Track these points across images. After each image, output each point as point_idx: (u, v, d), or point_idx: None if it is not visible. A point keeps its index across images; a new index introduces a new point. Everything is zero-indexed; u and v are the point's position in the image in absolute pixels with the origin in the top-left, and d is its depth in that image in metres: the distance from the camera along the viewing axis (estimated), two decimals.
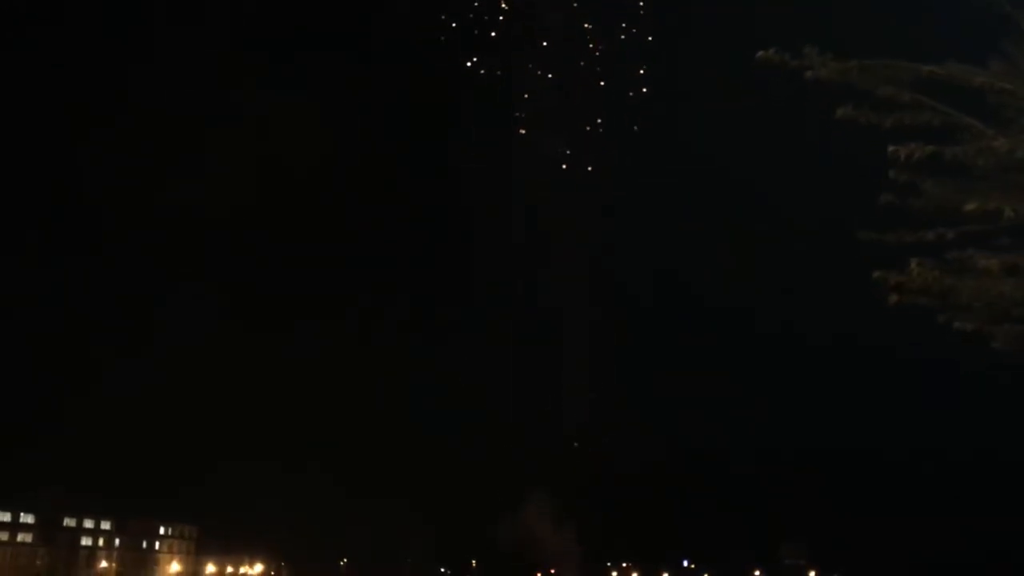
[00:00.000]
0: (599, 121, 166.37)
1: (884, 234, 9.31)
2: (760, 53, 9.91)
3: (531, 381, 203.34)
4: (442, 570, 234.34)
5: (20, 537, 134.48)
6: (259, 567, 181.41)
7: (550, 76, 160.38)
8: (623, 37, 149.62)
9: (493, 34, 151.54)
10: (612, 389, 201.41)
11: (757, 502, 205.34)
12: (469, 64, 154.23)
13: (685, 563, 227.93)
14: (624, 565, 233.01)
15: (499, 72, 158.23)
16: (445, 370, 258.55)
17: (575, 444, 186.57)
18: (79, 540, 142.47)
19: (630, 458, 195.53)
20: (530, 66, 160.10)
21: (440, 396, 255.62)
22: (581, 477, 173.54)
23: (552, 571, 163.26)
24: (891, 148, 9.27)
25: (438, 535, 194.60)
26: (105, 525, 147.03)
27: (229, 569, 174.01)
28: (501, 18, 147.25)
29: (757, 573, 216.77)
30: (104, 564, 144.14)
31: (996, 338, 9.33)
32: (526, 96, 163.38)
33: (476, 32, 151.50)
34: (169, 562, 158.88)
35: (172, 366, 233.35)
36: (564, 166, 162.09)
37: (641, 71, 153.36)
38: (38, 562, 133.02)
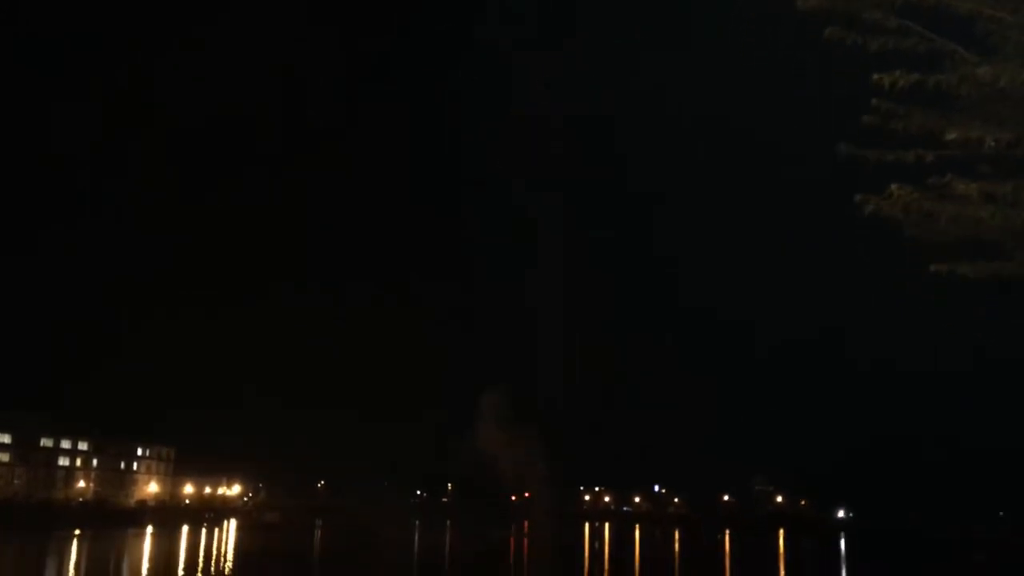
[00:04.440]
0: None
1: (865, 151, 9.33)
2: None
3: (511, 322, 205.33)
4: (418, 492, 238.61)
5: None
6: (237, 488, 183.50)
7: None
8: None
9: None
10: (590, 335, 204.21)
11: (729, 430, 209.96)
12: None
13: (656, 488, 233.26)
14: (597, 489, 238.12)
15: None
16: (421, 296, 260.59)
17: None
18: (56, 460, 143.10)
19: (606, 388, 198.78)
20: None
21: (417, 325, 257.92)
22: (558, 407, 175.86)
23: (527, 495, 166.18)
24: (875, 75, 9.22)
25: (415, 459, 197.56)
26: (82, 446, 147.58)
27: (207, 490, 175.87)
28: None
29: (726, 498, 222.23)
30: (82, 484, 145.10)
31: (968, 268, 9.44)
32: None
33: None
34: (147, 482, 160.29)
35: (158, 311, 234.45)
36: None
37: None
38: (15, 481, 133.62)
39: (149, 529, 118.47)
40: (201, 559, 75.43)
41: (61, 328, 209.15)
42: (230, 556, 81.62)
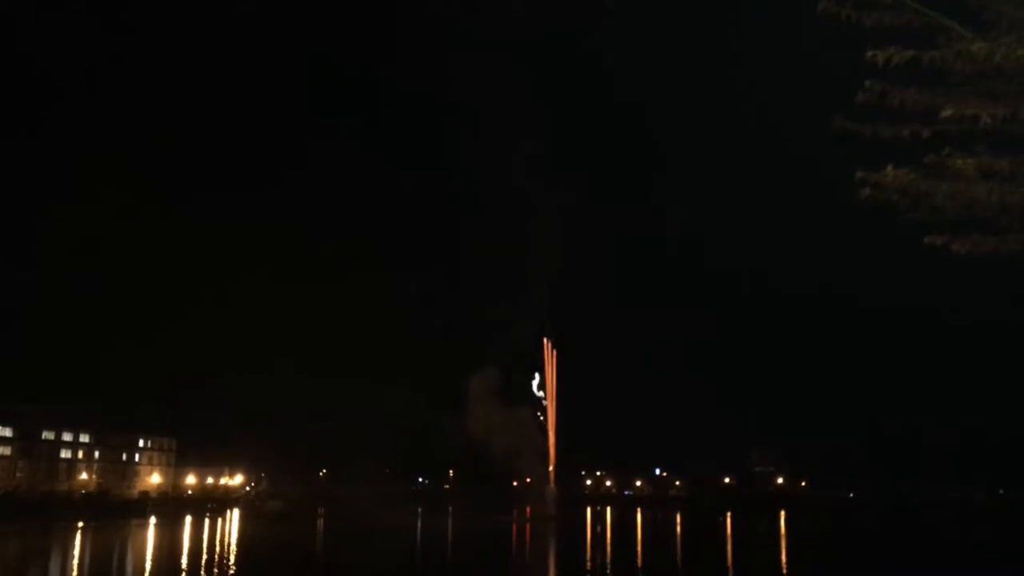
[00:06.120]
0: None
1: (861, 127, 9.27)
2: None
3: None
4: (420, 479, 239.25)
5: None
6: (239, 478, 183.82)
7: None
8: None
9: None
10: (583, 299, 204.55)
11: (729, 411, 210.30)
12: None
13: (658, 471, 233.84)
14: (598, 473, 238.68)
15: None
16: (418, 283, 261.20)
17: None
18: (58, 453, 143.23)
19: (604, 367, 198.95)
20: None
21: (416, 311, 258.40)
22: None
23: (527, 480, 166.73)
24: (870, 53, 9.16)
25: (417, 446, 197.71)
26: (84, 438, 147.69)
27: (209, 480, 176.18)
28: None
29: (727, 479, 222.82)
30: (84, 476, 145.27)
31: (965, 245, 9.40)
32: None
33: None
34: (149, 473, 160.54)
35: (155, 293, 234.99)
36: None
37: None
38: (18, 474, 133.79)
39: (152, 520, 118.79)
40: (204, 548, 75.68)
41: (61, 322, 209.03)
42: (233, 545, 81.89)
